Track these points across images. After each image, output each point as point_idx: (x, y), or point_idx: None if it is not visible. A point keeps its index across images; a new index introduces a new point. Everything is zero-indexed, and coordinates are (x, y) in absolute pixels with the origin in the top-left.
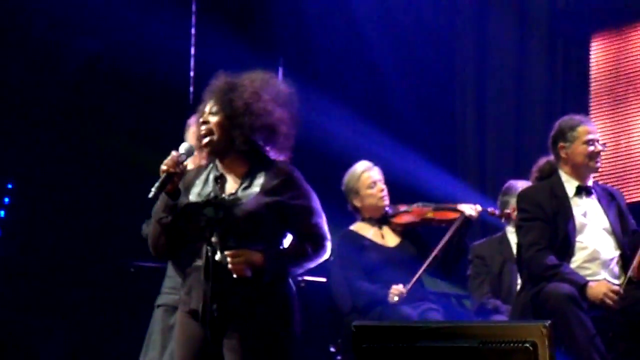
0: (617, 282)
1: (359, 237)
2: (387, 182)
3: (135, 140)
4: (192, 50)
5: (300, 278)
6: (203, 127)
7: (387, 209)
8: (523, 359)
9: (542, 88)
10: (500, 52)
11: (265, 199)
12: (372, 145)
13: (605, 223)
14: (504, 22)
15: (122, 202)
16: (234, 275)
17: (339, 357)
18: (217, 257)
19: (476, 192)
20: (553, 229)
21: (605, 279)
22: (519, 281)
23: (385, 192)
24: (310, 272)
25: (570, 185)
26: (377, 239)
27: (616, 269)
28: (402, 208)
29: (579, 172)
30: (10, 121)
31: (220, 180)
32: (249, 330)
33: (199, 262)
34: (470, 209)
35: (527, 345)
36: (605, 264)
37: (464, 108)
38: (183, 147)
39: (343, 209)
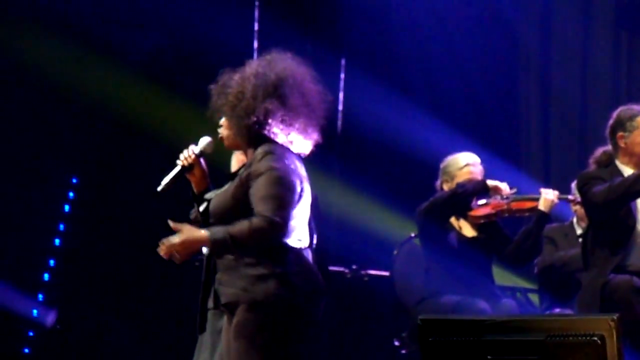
0: None
1: None
2: None
3: (194, 134)
4: (255, 44)
5: (363, 272)
6: (220, 129)
7: None
8: (591, 353)
9: (606, 79)
10: (566, 41)
11: (232, 188)
12: (432, 136)
13: None
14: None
15: (185, 195)
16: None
17: (404, 352)
18: (204, 251)
19: (540, 183)
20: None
21: None
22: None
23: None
24: (374, 266)
25: (627, 173)
26: (455, 228)
27: None
28: (480, 201)
29: (637, 162)
30: (74, 118)
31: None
32: (231, 321)
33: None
34: (549, 195)
35: (595, 338)
36: None
37: (528, 100)
38: (202, 141)
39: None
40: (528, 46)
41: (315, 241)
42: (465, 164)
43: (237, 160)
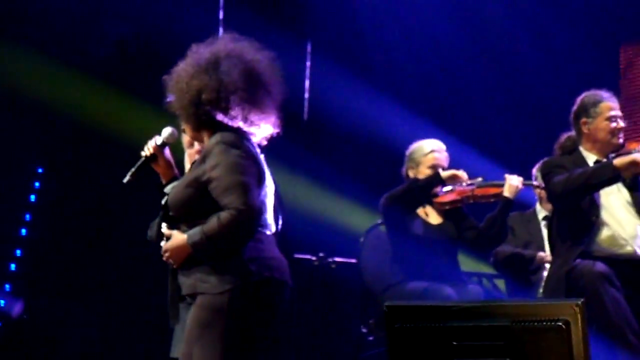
0: None
1: None
2: None
3: (159, 125)
4: (221, 32)
5: (330, 259)
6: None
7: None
8: (556, 338)
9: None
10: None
11: (186, 179)
12: (397, 123)
13: (626, 195)
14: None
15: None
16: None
17: (371, 338)
18: (162, 244)
19: (504, 169)
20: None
21: (634, 251)
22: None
23: None
24: (341, 253)
25: (590, 161)
26: (421, 215)
27: None
28: (446, 188)
29: (601, 148)
30: (38, 111)
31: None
32: (191, 312)
33: None
34: (514, 181)
35: (560, 323)
36: (632, 237)
37: (488, 86)
38: (164, 132)
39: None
40: (490, 30)
41: (280, 228)
42: (430, 150)
43: (190, 159)
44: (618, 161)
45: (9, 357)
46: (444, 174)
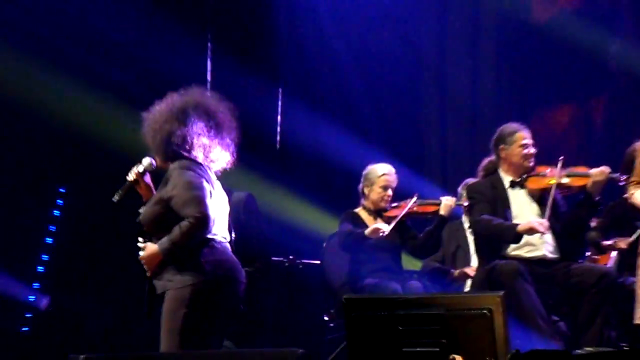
0: (555, 256)
1: (359, 218)
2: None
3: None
4: (209, 77)
5: (298, 261)
6: None
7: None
8: (482, 323)
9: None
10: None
11: (153, 199)
12: (351, 149)
13: (536, 209)
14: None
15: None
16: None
17: (332, 325)
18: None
19: (439, 187)
20: (493, 209)
21: (544, 254)
22: (473, 262)
23: (390, 197)
24: (307, 256)
25: (507, 180)
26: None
27: (551, 247)
28: (394, 204)
29: (515, 170)
30: (59, 140)
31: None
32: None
33: None
34: (448, 201)
35: (485, 312)
36: (541, 243)
37: (430, 118)
38: (144, 161)
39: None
40: (432, 70)
41: (233, 237)
42: (382, 173)
43: None
44: (522, 227)
45: (38, 342)
46: (367, 231)
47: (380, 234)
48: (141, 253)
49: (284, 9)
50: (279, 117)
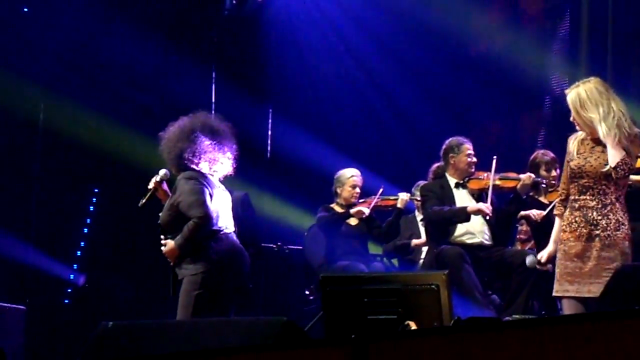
0: (490, 242)
1: (334, 211)
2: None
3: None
4: (213, 99)
5: (285, 247)
6: None
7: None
8: (431, 296)
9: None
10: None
11: (166, 205)
12: (326, 156)
13: (474, 204)
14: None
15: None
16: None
17: (311, 297)
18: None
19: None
20: (442, 205)
21: (481, 241)
22: (424, 247)
23: (358, 194)
24: (291, 242)
25: (452, 181)
26: None
27: (486, 235)
28: (360, 200)
29: (460, 174)
30: (97, 148)
31: None
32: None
33: None
34: (404, 196)
35: (433, 286)
36: (479, 232)
37: (389, 131)
38: (161, 172)
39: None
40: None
41: (236, 229)
42: (350, 175)
43: None
44: (471, 208)
45: (76, 313)
46: (353, 210)
47: (362, 215)
48: (163, 248)
49: (272, 46)
50: (269, 132)
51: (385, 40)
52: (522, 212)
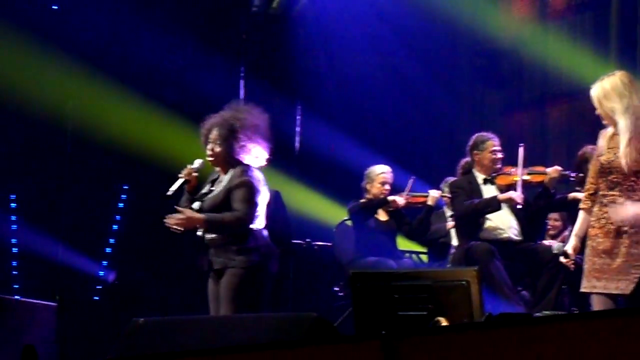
0: (519, 238)
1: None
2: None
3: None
4: (242, 96)
5: (314, 243)
6: (209, 149)
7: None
8: (461, 292)
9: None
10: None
11: (223, 191)
12: (356, 153)
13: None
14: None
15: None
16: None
17: (340, 294)
18: (199, 233)
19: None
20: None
21: (510, 236)
22: (454, 241)
23: (387, 191)
24: (321, 239)
25: (480, 178)
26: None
27: (515, 231)
28: (391, 197)
29: (486, 170)
30: (126, 147)
31: (216, 180)
32: (217, 281)
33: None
34: (434, 193)
35: (463, 282)
36: (508, 227)
37: (415, 127)
38: (196, 162)
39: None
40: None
41: (267, 223)
42: (381, 172)
43: None
44: (501, 197)
45: (106, 309)
46: (389, 198)
47: (397, 206)
48: (179, 215)
49: (300, 43)
50: (297, 128)
51: (412, 37)
52: (570, 195)
